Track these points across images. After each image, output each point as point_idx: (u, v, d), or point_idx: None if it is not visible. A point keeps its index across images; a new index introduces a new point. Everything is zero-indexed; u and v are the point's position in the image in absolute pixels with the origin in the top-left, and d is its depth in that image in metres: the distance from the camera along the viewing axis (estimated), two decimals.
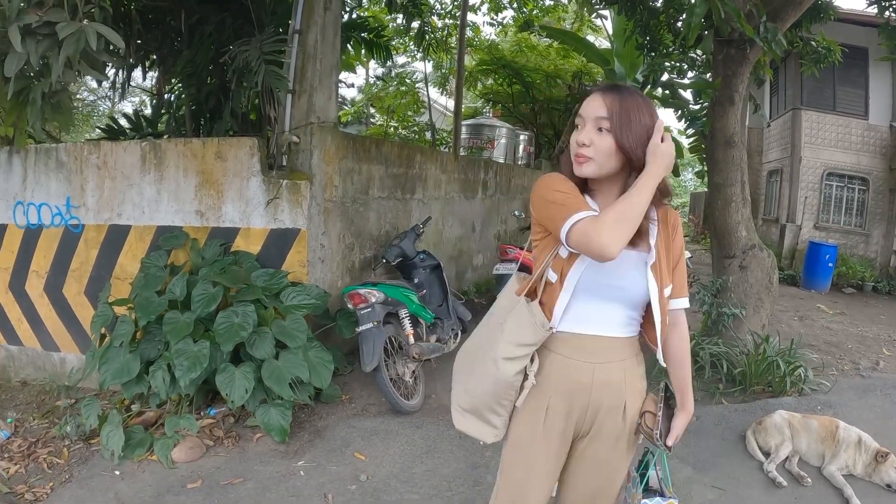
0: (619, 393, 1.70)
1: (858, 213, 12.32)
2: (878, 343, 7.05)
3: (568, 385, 1.67)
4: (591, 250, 1.46)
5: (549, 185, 1.63)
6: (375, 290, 4.25)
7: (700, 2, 3.97)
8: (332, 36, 4.66)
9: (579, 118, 1.63)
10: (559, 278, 1.64)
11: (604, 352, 1.67)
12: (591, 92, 1.67)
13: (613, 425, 1.71)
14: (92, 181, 4.67)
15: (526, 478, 1.74)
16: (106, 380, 3.82)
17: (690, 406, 1.83)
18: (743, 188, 5.38)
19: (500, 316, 1.74)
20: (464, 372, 1.80)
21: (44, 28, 3.36)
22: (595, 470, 1.76)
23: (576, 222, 1.48)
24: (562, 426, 1.70)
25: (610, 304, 1.66)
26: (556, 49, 13.40)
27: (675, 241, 1.72)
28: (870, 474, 3.56)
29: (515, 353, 1.63)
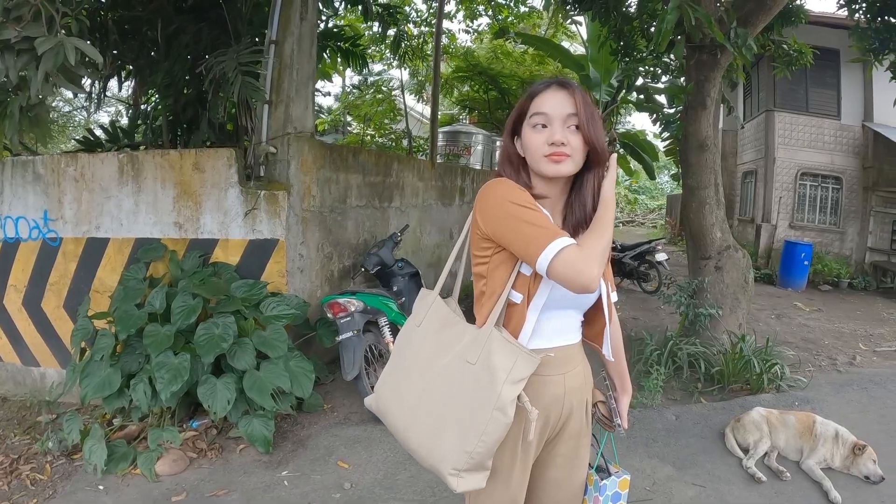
0: (583, 393, 1.72)
1: (833, 212, 12.50)
2: (854, 338, 7.19)
3: (545, 401, 1.59)
4: (576, 283, 1.37)
5: (510, 197, 1.48)
6: (354, 299, 4.28)
7: (672, 9, 4.04)
8: (308, 46, 4.68)
9: (542, 116, 1.53)
10: (525, 298, 1.54)
11: (569, 360, 1.65)
12: (543, 85, 1.59)
13: (579, 423, 1.72)
14: (69, 194, 4.64)
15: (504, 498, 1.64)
16: (87, 394, 3.80)
17: (629, 388, 1.87)
18: (717, 190, 5.46)
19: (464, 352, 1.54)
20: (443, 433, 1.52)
21: (22, 43, 3.35)
22: (567, 468, 1.74)
23: (560, 250, 1.37)
24: (538, 439, 1.65)
25: (567, 313, 1.63)
26: (532, 55, 13.49)
27: None
28: (848, 467, 3.65)
29: (515, 392, 1.48)
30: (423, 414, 1.57)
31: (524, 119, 1.58)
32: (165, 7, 5.59)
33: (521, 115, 1.59)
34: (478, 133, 11.71)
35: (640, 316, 7.73)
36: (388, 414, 1.68)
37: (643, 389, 4.73)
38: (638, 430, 4.21)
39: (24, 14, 3.43)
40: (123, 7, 5.66)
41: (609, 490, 1.77)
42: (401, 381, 1.66)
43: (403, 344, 1.71)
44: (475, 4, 12.22)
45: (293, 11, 4.55)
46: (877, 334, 7.47)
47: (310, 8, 4.65)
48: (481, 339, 1.52)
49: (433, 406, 1.55)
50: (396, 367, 1.70)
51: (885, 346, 6.81)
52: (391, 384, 1.70)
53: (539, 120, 1.54)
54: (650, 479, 3.58)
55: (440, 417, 1.53)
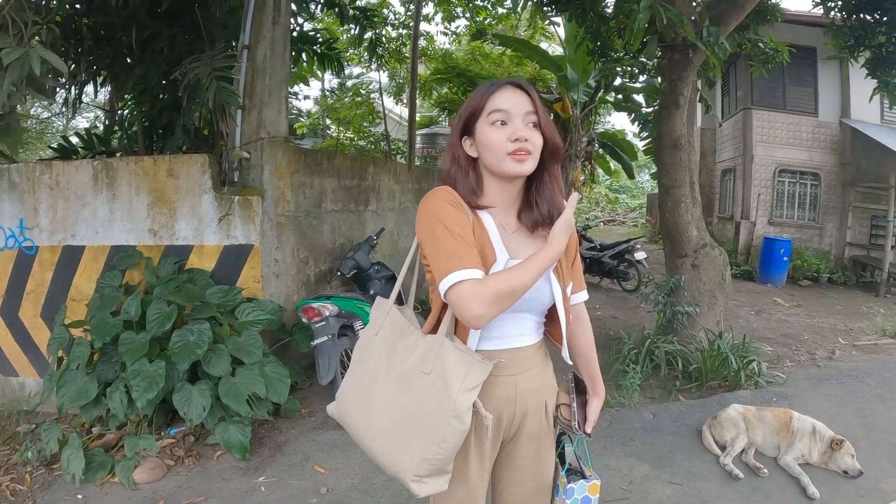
0: (540, 395, 1.71)
1: (812, 208, 12.64)
2: (834, 333, 7.27)
3: (495, 401, 1.61)
4: (461, 317, 1.41)
5: (440, 216, 1.49)
6: (329, 304, 4.28)
7: (643, 8, 4.07)
8: (281, 50, 4.67)
9: (502, 112, 1.53)
10: None
11: (522, 362, 1.66)
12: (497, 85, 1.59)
13: (538, 425, 1.72)
14: (45, 202, 4.60)
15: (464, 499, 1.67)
16: (64, 403, 3.77)
17: (602, 391, 1.85)
18: (692, 189, 5.51)
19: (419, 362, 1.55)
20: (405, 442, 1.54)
21: None
22: (530, 469, 1.75)
23: (454, 284, 1.39)
24: (494, 440, 1.67)
25: (520, 316, 1.63)
26: (510, 56, 13.52)
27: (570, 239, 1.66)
28: (826, 462, 3.69)
29: (470, 399, 1.49)
30: (383, 423, 1.58)
31: (478, 117, 1.57)
32: (139, 13, 5.54)
33: (475, 114, 1.58)
34: None
35: (620, 315, 7.78)
36: (349, 422, 1.69)
37: (621, 388, 4.77)
38: (615, 428, 4.23)
39: None
40: (97, 13, 5.61)
41: (578, 494, 1.75)
42: (360, 391, 1.66)
43: (362, 353, 1.71)
44: (453, 6, 12.24)
45: (265, 16, 4.54)
46: (856, 328, 7.56)
47: (282, 12, 4.65)
48: (434, 348, 1.53)
49: (392, 415, 1.56)
50: (356, 377, 1.71)
51: (864, 340, 6.89)
52: (351, 393, 1.70)
53: (499, 116, 1.54)
54: (627, 478, 3.60)
55: (399, 426, 1.54)
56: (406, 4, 12.67)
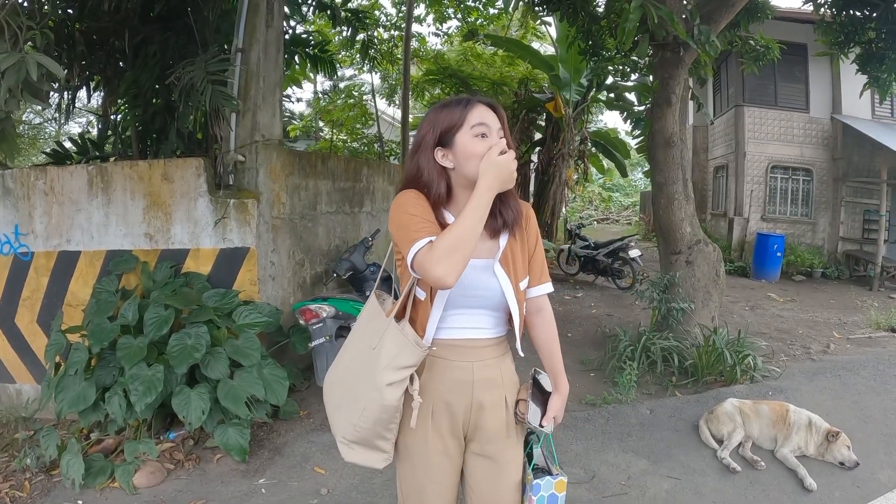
0: (498, 388, 1.78)
1: (804, 203, 12.73)
2: (828, 327, 7.33)
3: (450, 385, 1.72)
4: (430, 281, 1.50)
5: (401, 207, 1.63)
6: (326, 305, 4.28)
7: (635, 7, 4.10)
8: (274, 53, 4.68)
9: (484, 126, 1.64)
10: (428, 296, 1.67)
11: (479, 351, 1.75)
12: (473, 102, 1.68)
13: (498, 422, 1.77)
14: (40, 207, 4.60)
15: (427, 484, 1.76)
16: (62, 409, 3.77)
17: (564, 387, 1.90)
18: (685, 186, 5.54)
19: (371, 340, 1.69)
20: (343, 404, 1.71)
21: None
22: (496, 468, 1.79)
23: (416, 252, 1.51)
24: (449, 424, 1.74)
25: (477, 311, 1.73)
26: (502, 57, 13.60)
27: (528, 231, 1.80)
28: (822, 454, 3.72)
29: (396, 377, 1.60)
30: (338, 390, 1.76)
31: (458, 130, 1.65)
32: (132, 17, 5.56)
33: (454, 127, 1.65)
34: None
35: (615, 312, 7.79)
36: (324, 394, 1.84)
37: (617, 385, 4.79)
38: (612, 425, 4.26)
39: None
40: (90, 18, 5.62)
41: (544, 491, 1.78)
42: (334, 365, 1.83)
43: (349, 336, 1.85)
44: (444, 7, 12.27)
45: (259, 19, 4.55)
46: (850, 322, 7.62)
47: (275, 15, 4.66)
48: (381, 328, 1.67)
49: (342, 385, 1.74)
50: (337, 356, 1.85)
51: (858, 334, 6.95)
52: (331, 368, 1.85)
53: (481, 130, 1.64)
54: (625, 473, 3.63)
55: (343, 394, 1.72)
56: (397, 6, 12.69)
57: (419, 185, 1.69)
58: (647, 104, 5.84)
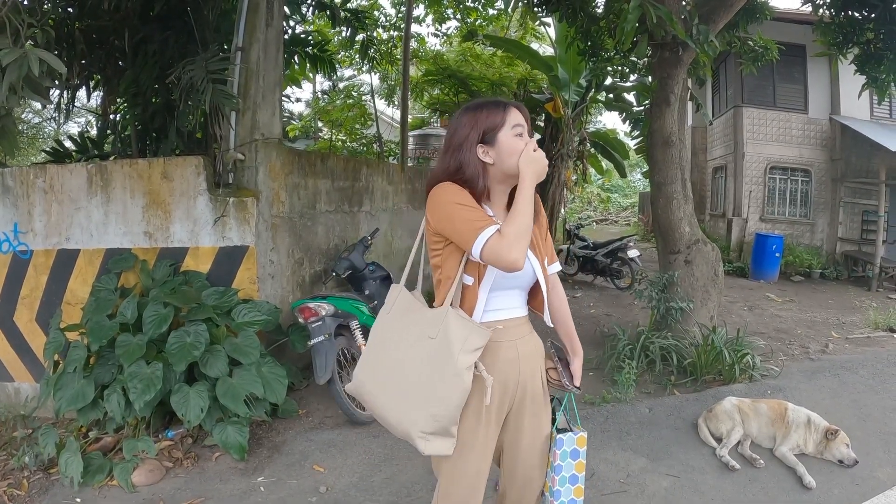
0: (535, 359, 1.98)
1: (803, 204, 12.75)
2: (826, 327, 7.32)
3: (501, 364, 1.85)
4: (503, 266, 1.65)
5: (450, 198, 1.76)
6: (325, 303, 4.28)
7: (634, 7, 4.10)
8: (274, 52, 4.69)
9: (520, 127, 1.83)
10: (476, 280, 1.81)
11: (518, 329, 1.93)
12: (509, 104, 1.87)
13: (536, 389, 1.97)
14: (39, 206, 4.60)
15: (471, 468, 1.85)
16: (61, 407, 3.77)
17: (580, 350, 2.13)
18: (684, 185, 5.54)
19: (425, 330, 1.79)
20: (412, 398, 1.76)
21: None
22: (534, 432, 1.98)
23: (487, 240, 1.65)
24: (498, 402, 1.86)
25: (512, 292, 1.92)
26: (501, 57, 13.57)
27: (539, 216, 1.97)
28: (821, 452, 3.73)
29: (471, 359, 1.73)
30: (394, 386, 1.81)
31: (500, 129, 1.82)
32: (132, 16, 5.57)
33: (496, 127, 1.82)
34: None
35: (614, 312, 7.81)
36: (364, 393, 1.91)
37: (616, 384, 4.79)
38: (611, 423, 4.26)
39: None
40: (90, 17, 5.63)
41: (566, 446, 1.99)
42: (374, 362, 1.90)
43: (376, 330, 1.95)
44: (444, 8, 12.27)
45: (259, 18, 4.56)
46: (849, 322, 7.63)
47: (275, 14, 4.66)
48: (439, 316, 1.77)
49: (402, 378, 1.79)
50: (370, 351, 1.94)
51: (856, 334, 6.95)
52: (366, 366, 1.92)
53: (519, 130, 1.83)
54: (624, 471, 3.63)
55: (408, 388, 1.77)
56: (397, 6, 12.70)
57: (460, 181, 1.81)
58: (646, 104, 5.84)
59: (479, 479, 1.87)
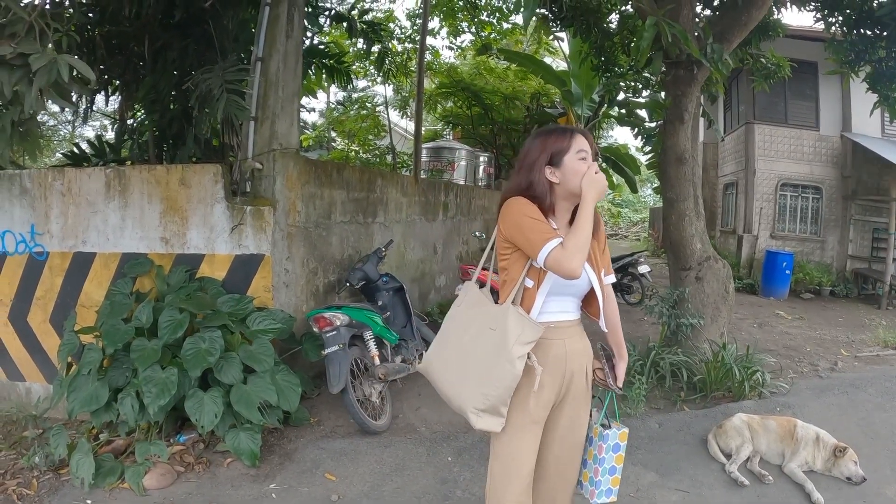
0: (583, 358, 2.21)
1: (813, 221, 12.70)
2: (836, 345, 7.30)
3: (551, 360, 2.09)
4: (563, 274, 1.93)
5: (522, 210, 2.03)
6: (340, 314, 4.31)
7: (649, 26, 4.14)
8: (293, 63, 4.74)
9: (584, 152, 2.07)
10: (535, 284, 2.07)
11: (568, 330, 2.16)
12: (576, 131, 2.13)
13: (581, 385, 2.20)
14: (56, 208, 4.64)
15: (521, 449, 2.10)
16: (74, 408, 3.80)
17: (626, 355, 2.36)
18: (696, 202, 5.55)
19: (487, 322, 2.08)
20: (469, 378, 2.06)
21: (16, 59, 3.42)
22: (570, 429, 2.22)
23: (551, 251, 1.92)
24: (547, 396, 2.11)
25: (567, 298, 2.17)
26: (514, 71, 13.60)
27: (599, 232, 2.19)
28: (829, 469, 3.73)
29: (523, 350, 1.98)
30: (456, 367, 2.12)
31: (566, 153, 2.08)
32: (152, 23, 5.63)
33: (563, 150, 2.08)
34: (461, 149, 11.73)
35: (624, 327, 7.47)
36: (431, 371, 2.22)
37: (627, 399, 4.80)
38: None
39: (19, 30, 3.49)
40: (111, 22, 5.69)
41: (611, 440, 2.26)
42: (442, 345, 2.22)
43: (447, 319, 2.26)
44: (458, 21, 12.34)
45: (279, 30, 4.61)
46: (858, 340, 7.60)
47: (295, 26, 4.72)
48: (501, 312, 2.05)
49: (464, 361, 2.10)
50: (441, 337, 2.26)
51: (866, 352, 6.93)
52: (435, 348, 2.25)
53: (583, 154, 2.08)
54: (634, 485, 3.63)
55: (468, 369, 2.07)
56: (412, 19, 12.78)
57: (530, 196, 2.07)
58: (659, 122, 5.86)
59: (528, 461, 2.11)
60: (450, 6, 11.75)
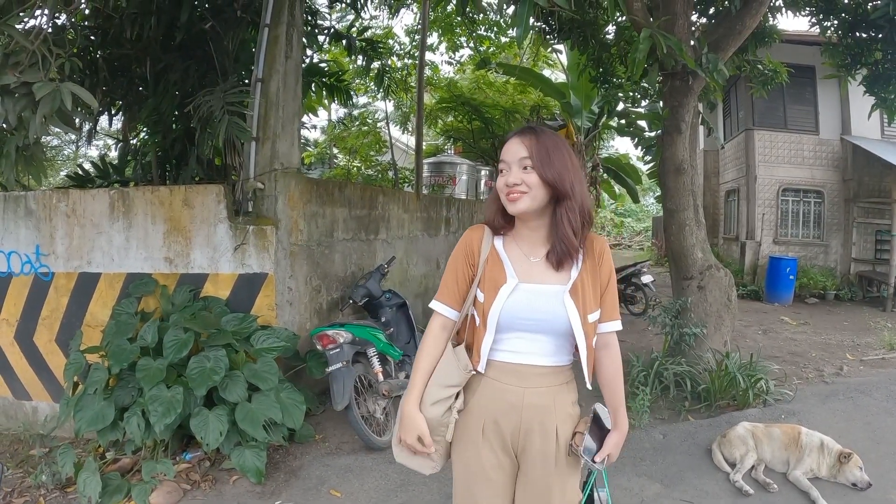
0: (549, 416, 1.79)
1: (816, 225, 12.69)
2: (841, 349, 7.30)
3: (500, 405, 1.79)
4: None
5: (455, 251, 1.91)
6: (343, 331, 4.33)
7: (644, 38, 4.17)
8: (293, 83, 4.79)
9: (503, 164, 1.78)
10: (482, 321, 1.78)
11: (534, 377, 1.78)
12: (509, 135, 1.83)
13: (545, 448, 1.78)
14: (61, 229, 4.69)
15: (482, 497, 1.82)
16: (81, 427, 3.82)
17: (624, 425, 1.89)
18: (696, 212, 5.57)
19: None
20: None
21: (20, 87, 3.47)
22: (537, 491, 1.81)
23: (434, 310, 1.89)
24: (500, 442, 1.81)
25: (535, 335, 1.77)
26: (514, 84, 13.70)
27: (601, 266, 1.83)
28: (835, 475, 3.73)
29: (442, 395, 1.81)
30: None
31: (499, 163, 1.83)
32: (154, 45, 5.69)
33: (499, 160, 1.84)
34: (462, 163, 11.76)
35: (628, 338, 7.75)
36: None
37: (631, 410, 4.79)
38: (626, 449, 4.20)
39: (23, 59, 3.55)
40: (113, 45, 5.76)
41: None
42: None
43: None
44: (457, 37, 12.42)
45: (278, 51, 4.67)
46: (864, 343, 7.60)
47: (294, 46, 4.77)
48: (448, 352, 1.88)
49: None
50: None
51: (871, 355, 6.93)
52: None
53: (502, 166, 1.80)
54: (638, 496, 3.64)
55: None
56: (411, 35, 12.87)
57: (488, 213, 1.92)
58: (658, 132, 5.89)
59: None
60: (448, 22, 11.85)
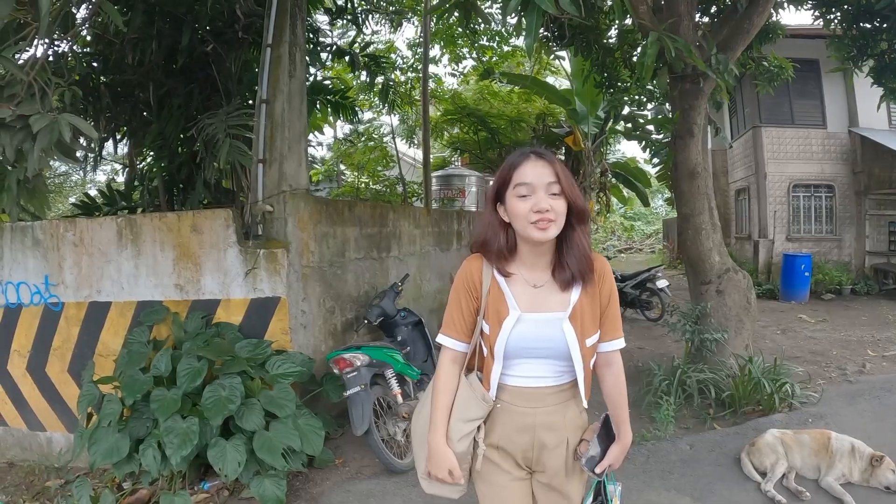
0: (561, 431, 1.86)
1: (828, 220, 12.57)
2: (862, 345, 7.21)
3: (513, 426, 1.85)
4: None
5: (456, 284, 1.90)
6: (360, 354, 4.25)
7: (651, 42, 4.11)
8: (298, 103, 4.74)
9: (525, 186, 1.70)
10: (490, 352, 1.83)
11: (543, 398, 1.85)
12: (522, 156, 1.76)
13: (559, 461, 1.86)
14: (69, 258, 4.65)
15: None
16: (96, 461, 3.76)
17: (627, 438, 1.95)
18: (711, 215, 5.49)
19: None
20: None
21: (17, 121, 3.42)
22: (559, 498, 1.90)
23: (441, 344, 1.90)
24: (514, 461, 1.88)
25: (539, 361, 1.82)
26: (518, 93, 13.68)
27: (602, 288, 1.85)
28: (867, 479, 3.65)
29: (466, 429, 1.84)
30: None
31: (507, 188, 1.76)
32: (156, 70, 5.69)
33: (504, 184, 1.77)
34: (471, 175, 11.73)
35: (646, 345, 7.71)
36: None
37: (655, 421, 4.71)
38: (653, 462, 4.18)
39: (18, 91, 3.50)
40: (115, 71, 5.76)
41: None
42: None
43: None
44: (459, 48, 12.43)
45: (281, 71, 4.63)
46: (884, 338, 7.52)
47: (297, 66, 4.73)
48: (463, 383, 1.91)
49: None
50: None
51: (892, 350, 6.85)
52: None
53: (523, 190, 1.71)
54: None
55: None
56: (413, 48, 12.88)
57: (480, 244, 1.85)
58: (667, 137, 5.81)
59: None
60: (449, 33, 11.85)
